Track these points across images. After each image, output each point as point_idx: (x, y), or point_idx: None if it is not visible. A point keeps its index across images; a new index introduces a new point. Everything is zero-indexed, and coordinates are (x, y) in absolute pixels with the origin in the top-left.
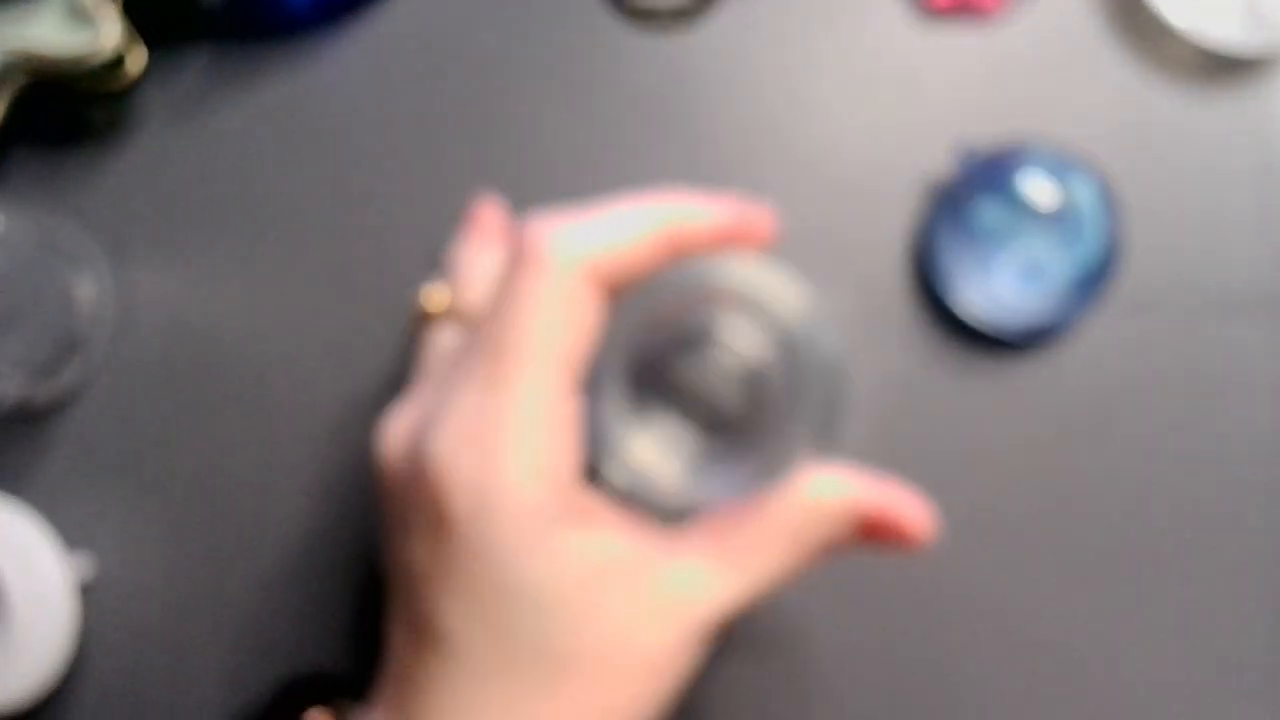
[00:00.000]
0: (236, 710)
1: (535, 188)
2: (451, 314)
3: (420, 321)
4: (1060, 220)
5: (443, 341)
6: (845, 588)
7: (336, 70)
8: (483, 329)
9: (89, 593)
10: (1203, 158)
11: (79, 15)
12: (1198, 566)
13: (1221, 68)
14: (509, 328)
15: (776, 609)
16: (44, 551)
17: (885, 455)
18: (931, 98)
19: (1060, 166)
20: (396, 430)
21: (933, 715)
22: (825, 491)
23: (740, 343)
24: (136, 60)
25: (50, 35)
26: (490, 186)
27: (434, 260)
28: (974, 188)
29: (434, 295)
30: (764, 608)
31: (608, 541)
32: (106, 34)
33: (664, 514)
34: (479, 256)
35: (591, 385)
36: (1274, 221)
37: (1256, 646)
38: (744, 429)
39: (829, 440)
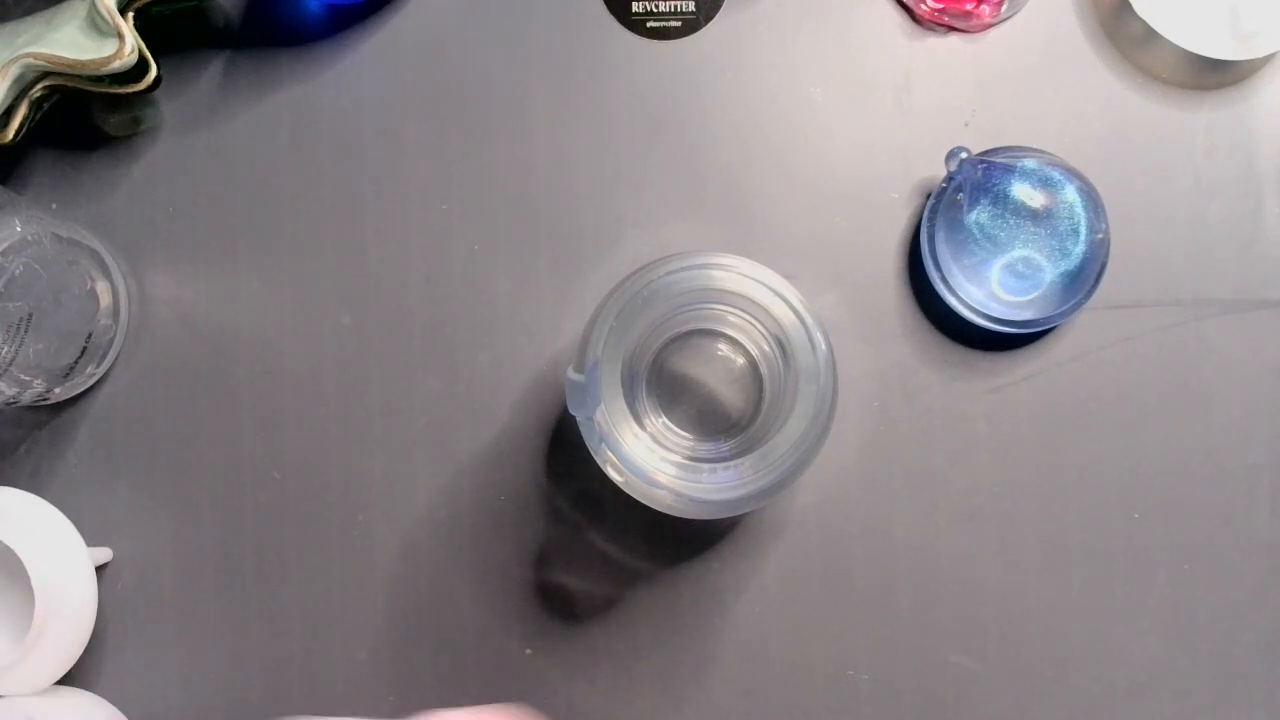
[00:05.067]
0: None
1: (539, 192)
2: None
3: None
4: (1049, 223)
5: None
6: (839, 580)
7: (347, 78)
8: None
9: (108, 582)
10: (1186, 162)
11: (98, 26)
12: (1182, 552)
13: (1205, 75)
14: None
15: (774, 598)
16: (65, 543)
17: (881, 449)
18: (924, 105)
19: (1049, 171)
20: None
21: (926, 703)
22: None
23: (738, 343)
24: (152, 69)
25: (70, 44)
26: (496, 190)
27: (439, 264)
28: (966, 191)
29: None
30: (759, 595)
31: None
32: (124, 44)
33: (662, 511)
34: None
35: (593, 384)
36: (1253, 224)
37: (1240, 629)
38: (742, 427)
39: (823, 437)
